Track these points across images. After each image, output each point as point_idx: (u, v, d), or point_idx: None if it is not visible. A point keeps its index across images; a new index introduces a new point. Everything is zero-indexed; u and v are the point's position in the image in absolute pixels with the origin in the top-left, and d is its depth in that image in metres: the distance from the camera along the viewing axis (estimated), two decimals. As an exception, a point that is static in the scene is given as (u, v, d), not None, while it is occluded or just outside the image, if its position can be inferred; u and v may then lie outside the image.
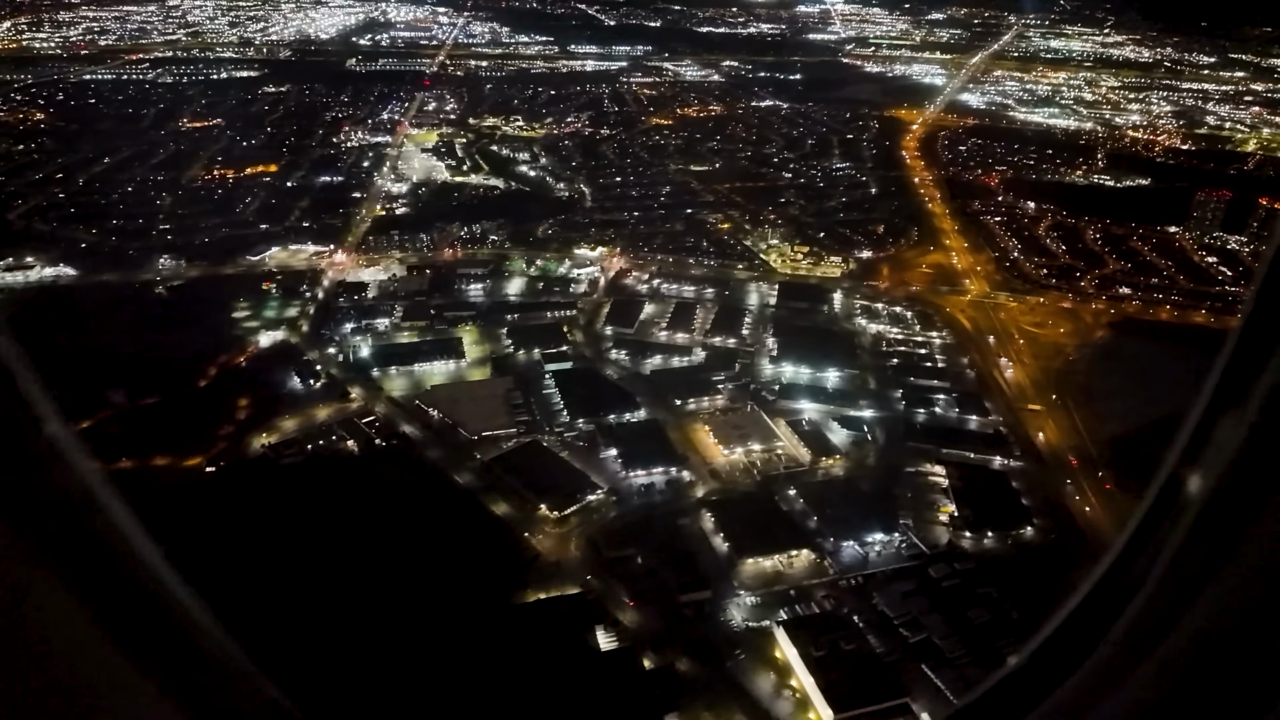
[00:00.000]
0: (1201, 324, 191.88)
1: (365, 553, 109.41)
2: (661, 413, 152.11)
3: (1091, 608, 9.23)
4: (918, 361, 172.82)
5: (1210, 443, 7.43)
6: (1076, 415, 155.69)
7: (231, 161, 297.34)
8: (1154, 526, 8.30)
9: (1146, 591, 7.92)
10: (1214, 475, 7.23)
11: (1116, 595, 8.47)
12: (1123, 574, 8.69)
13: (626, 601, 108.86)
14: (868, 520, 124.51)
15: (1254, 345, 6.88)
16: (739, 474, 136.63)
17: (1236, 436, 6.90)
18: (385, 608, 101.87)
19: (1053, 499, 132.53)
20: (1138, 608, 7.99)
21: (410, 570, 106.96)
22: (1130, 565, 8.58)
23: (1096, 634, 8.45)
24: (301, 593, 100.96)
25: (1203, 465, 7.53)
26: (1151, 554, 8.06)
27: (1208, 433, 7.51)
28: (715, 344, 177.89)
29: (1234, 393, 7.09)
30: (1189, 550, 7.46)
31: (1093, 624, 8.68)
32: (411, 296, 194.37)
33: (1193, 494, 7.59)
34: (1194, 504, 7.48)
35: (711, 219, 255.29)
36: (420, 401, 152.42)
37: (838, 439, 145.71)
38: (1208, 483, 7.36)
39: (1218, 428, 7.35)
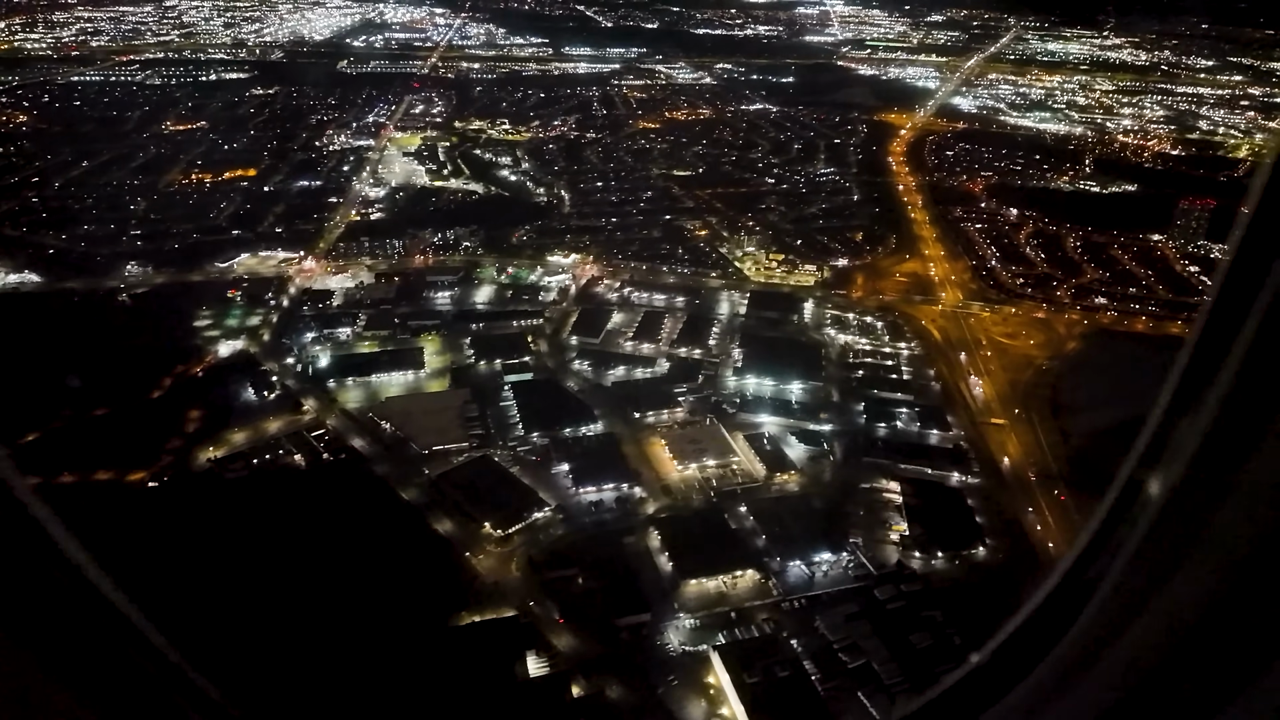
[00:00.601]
0: (1177, 335, 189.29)
1: (301, 573, 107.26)
2: (619, 426, 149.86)
3: (1052, 606, 9.53)
4: (883, 374, 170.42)
5: (1169, 445, 7.79)
6: (1040, 430, 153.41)
7: (211, 165, 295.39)
8: (1113, 527, 8.64)
9: (1105, 590, 8.22)
10: (1172, 476, 7.54)
11: (1077, 594, 8.77)
12: (1083, 573, 9.01)
13: (562, 624, 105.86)
14: (817, 539, 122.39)
15: (1210, 351, 7.21)
16: (692, 490, 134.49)
17: (1193, 438, 7.24)
18: (316, 632, 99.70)
19: (1008, 517, 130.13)
20: (1097, 606, 8.29)
21: (345, 592, 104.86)
22: (1090, 564, 8.93)
23: (1056, 632, 8.75)
24: (232, 613, 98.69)
25: (1162, 467, 7.88)
26: (1111, 553, 8.42)
27: (1166, 435, 7.89)
28: (680, 355, 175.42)
29: (1191, 396, 7.47)
30: (1147, 550, 7.73)
31: (1053, 622, 9.00)
32: (377, 305, 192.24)
33: (1152, 495, 7.88)
34: (1153, 504, 7.77)
35: (689, 225, 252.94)
36: (374, 414, 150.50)
37: (795, 454, 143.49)
38: (1166, 484, 7.65)
39: (1176, 430, 7.71)
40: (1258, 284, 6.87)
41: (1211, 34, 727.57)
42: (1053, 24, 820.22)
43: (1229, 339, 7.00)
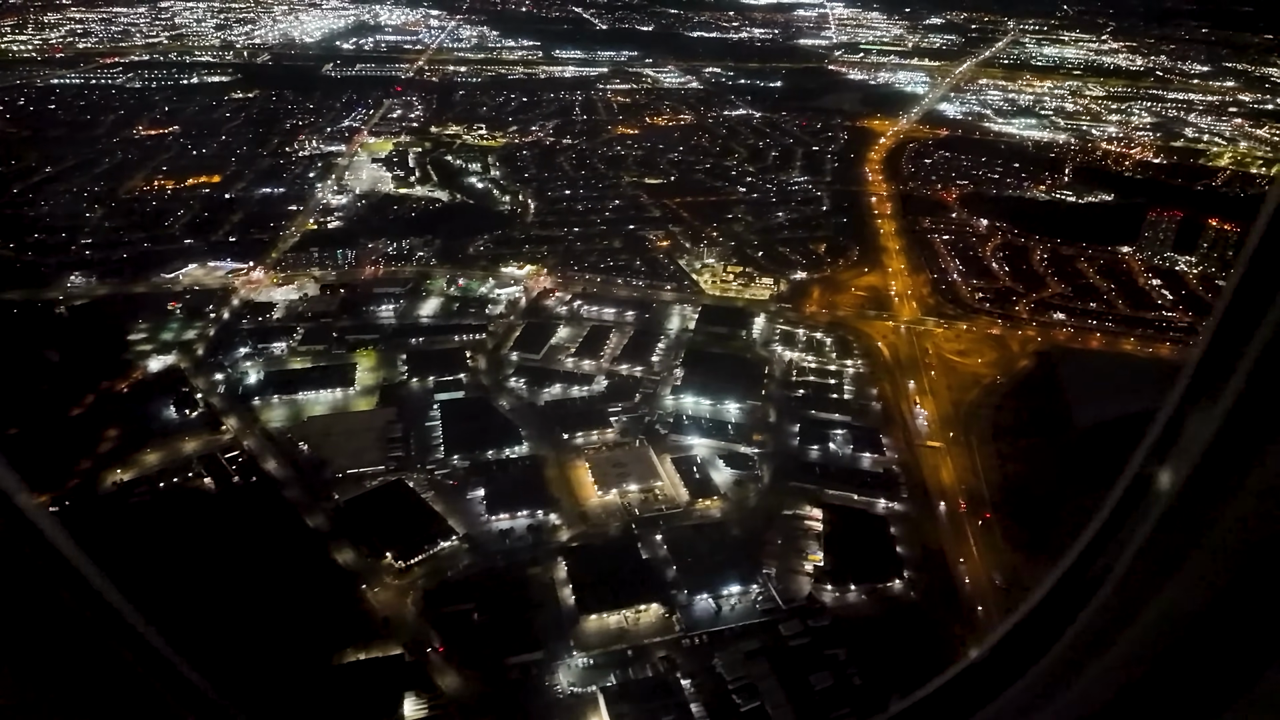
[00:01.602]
0: (1130, 352, 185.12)
1: (187, 607, 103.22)
2: (546, 448, 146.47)
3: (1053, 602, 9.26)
4: (825, 393, 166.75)
5: (1179, 438, 7.59)
6: (977, 454, 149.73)
7: (176, 172, 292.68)
8: (1120, 520, 8.42)
9: (1111, 584, 8.05)
10: (1183, 470, 7.35)
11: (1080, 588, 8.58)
12: (1086, 569, 8.83)
13: (449, 663, 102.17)
14: (729, 570, 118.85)
15: (1224, 345, 7.05)
16: (610, 517, 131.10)
17: (1205, 432, 7.06)
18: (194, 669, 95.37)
19: (931, 548, 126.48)
20: (1101, 600, 8.14)
21: (230, 627, 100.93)
22: (1094, 560, 8.74)
23: (1057, 628, 8.64)
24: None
25: (1171, 460, 7.65)
26: (1117, 547, 8.22)
27: (1177, 430, 7.66)
28: (621, 372, 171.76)
29: (1205, 389, 7.25)
30: (1155, 544, 7.58)
31: (1056, 616, 8.81)
32: (318, 318, 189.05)
33: (1161, 488, 7.69)
34: (1162, 498, 7.59)
35: (652, 235, 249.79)
36: (293, 434, 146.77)
37: (721, 478, 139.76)
38: (1176, 478, 7.46)
39: (1187, 423, 7.51)
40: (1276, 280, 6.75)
41: (1211, 39, 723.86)
42: (1052, 27, 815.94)
43: (1245, 334, 6.76)
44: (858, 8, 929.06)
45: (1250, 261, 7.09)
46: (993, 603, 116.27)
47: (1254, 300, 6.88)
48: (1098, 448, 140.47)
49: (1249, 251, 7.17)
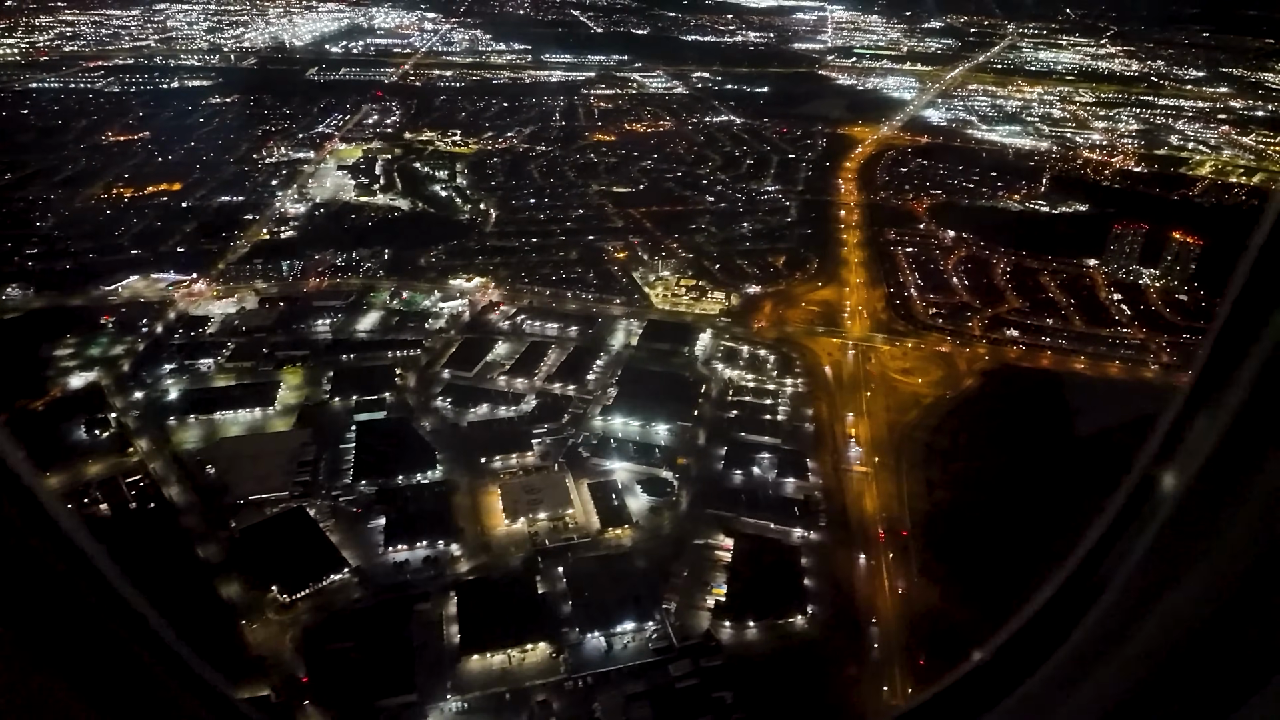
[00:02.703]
0: (1079, 372, 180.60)
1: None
2: (460, 473, 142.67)
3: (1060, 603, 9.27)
4: (759, 414, 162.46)
5: (1184, 443, 7.66)
6: (906, 479, 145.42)
7: (138, 179, 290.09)
8: (1125, 524, 8.44)
9: (1116, 588, 8.08)
10: (1188, 475, 7.44)
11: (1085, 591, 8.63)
12: (1092, 571, 8.82)
13: (317, 708, 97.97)
14: (627, 605, 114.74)
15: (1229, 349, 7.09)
16: (514, 548, 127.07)
17: (1210, 436, 7.15)
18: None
19: (842, 581, 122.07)
20: (1107, 604, 8.14)
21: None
22: (1098, 564, 8.75)
23: (1061, 632, 8.63)
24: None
25: (1176, 465, 7.74)
26: (1122, 551, 8.27)
27: (1181, 434, 7.72)
28: (554, 391, 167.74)
29: (1209, 393, 7.31)
30: (1160, 549, 7.63)
31: (1061, 619, 8.81)
32: (252, 333, 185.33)
33: (1165, 493, 7.79)
34: (1166, 503, 7.68)
35: (611, 247, 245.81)
36: (202, 457, 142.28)
37: (637, 505, 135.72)
38: (1181, 482, 7.56)
39: (1191, 428, 7.57)
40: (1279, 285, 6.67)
41: (1211, 43, 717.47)
42: (1052, 31, 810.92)
43: (1249, 338, 6.85)
44: (858, 11, 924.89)
45: (1254, 266, 7.05)
46: (895, 641, 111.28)
47: (1258, 304, 6.86)
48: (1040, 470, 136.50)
49: (1252, 255, 7.13)
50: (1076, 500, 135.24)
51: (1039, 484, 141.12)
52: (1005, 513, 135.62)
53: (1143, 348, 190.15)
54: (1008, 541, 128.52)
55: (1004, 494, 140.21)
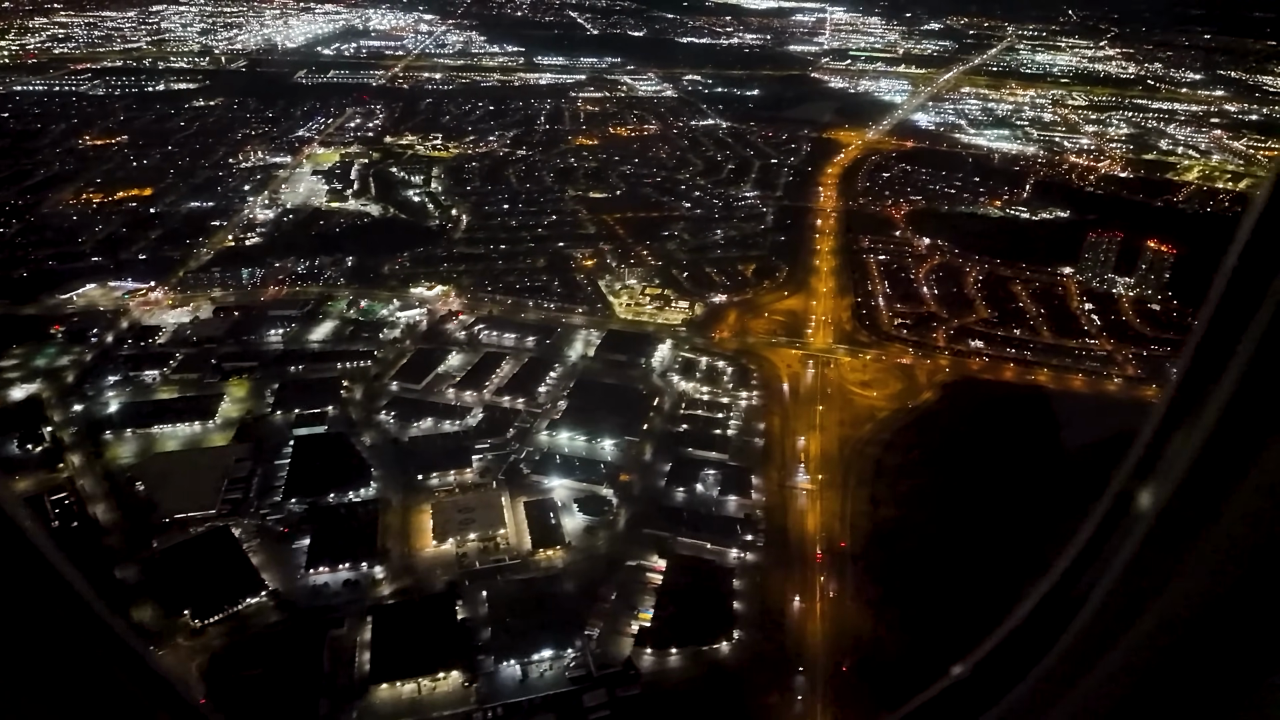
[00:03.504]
0: (1041, 385, 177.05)
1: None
2: (394, 490, 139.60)
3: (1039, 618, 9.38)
4: (709, 428, 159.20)
5: (1162, 458, 7.75)
6: (852, 497, 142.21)
7: (109, 184, 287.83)
8: (1103, 538, 8.52)
9: (1095, 602, 8.19)
10: (1166, 489, 7.51)
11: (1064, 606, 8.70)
12: (1071, 585, 8.97)
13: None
14: (549, 631, 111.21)
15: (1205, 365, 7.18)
16: (440, 570, 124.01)
17: (1188, 452, 7.22)
18: None
19: (774, 605, 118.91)
20: (1086, 618, 8.23)
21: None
22: (1078, 577, 8.89)
23: (1044, 644, 8.68)
24: None
25: (1154, 480, 7.83)
26: (1101, 566, 8.34)
27: (1160, 449, 7.79)
28: (502, 404, 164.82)
29: (1187, 409, 7.38)
30: (1138, 563, 7.70)
31: (1040, 634, 8.90)
32: (202, 343, 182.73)
33: (1143, 508, 7.86)
34: (1144, 518, 7.74)
35: (580, 254, 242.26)
36: (133, 473, 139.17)
37: (573, 524, 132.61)
38: (1159, 497, 7.63)
39: (1170, 443, 7.65)
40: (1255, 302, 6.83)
41: (1212, 45, 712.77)
42: (1052, 33, 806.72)
43: (1226, 355, 6.92)
44: (858, 13, 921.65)
45: (1229, 282, 7.12)
46: (821, 668, 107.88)
47: (1234, 321, 6.90)
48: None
49: (1227, 271, 7.15)
50: (1025, 521, 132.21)
51: (988, 503, 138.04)
52: (950, 534, 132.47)
53: (1108, 360, 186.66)
54: (949, 564, 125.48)
55: (951, 514, 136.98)
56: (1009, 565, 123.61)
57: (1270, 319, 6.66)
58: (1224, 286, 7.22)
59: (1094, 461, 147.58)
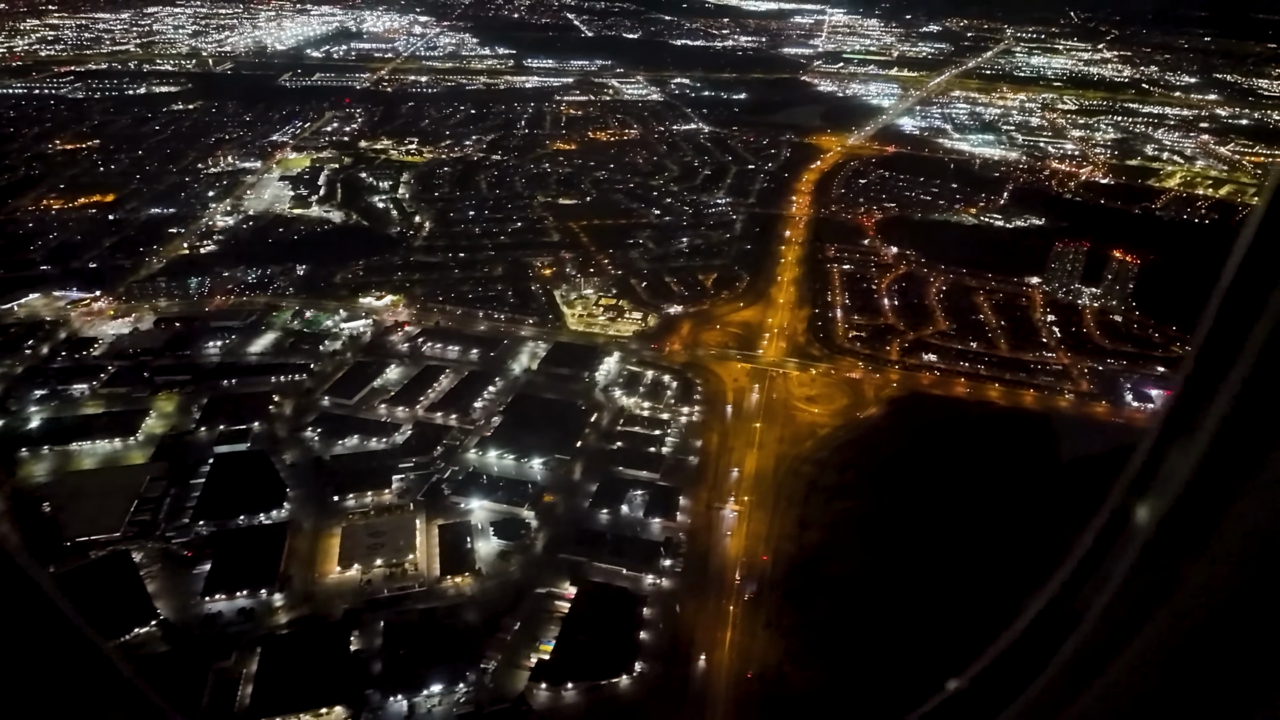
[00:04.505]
0: (990, 401, 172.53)
1: None
2: (308, 512, 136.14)
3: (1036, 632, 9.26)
4: (644, 446, 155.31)
5: (1161, 470, 7.65)
6: (781, 519, 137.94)
7: (73, 190, 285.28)
8: (1102, 551, 8.42)
9: (1093, 616, 8.09)
10: (1165, 502, 7.43)
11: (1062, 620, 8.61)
12: (1069, 598, 8.83)
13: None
14: (444, 664, 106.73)
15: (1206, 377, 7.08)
16: (341, 598, 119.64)
17: (1186, 466, 7.16)
18: None
19: (682, 635, 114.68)
20: (1084, 632, 8.14)
21: None
22: (1077, 590, 8.72)
23: (1041, 658, 8.59)
24: None
25: (1152, 494, 7.73)
26: (1098, 581, 8.23)
27: (1158, 462, 7.71)
28: (434, 421, 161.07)
29: (1185, 422, 7.26)
30: (1137, 579, 7.62)
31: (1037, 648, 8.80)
32: (138, 355, 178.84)
33: (1141, 522, 7.79)
34: (1142, 532, 7.68)
35: (539, 262, 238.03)
36: (41, 493, 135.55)
37: (487, 549, 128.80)
38: (1157, 511, 7.55)
39: (1167, 458, 7.57)
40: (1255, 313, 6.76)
41: (1211, 47, 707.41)
42: (1051, 35, 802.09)
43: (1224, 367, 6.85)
44: (857, 14, 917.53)
45: (1228, 292, 7.04)
46: (722, 704, 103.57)
47: (1233, 333, 6.83)
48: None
49: (1227, 282, 7.02)
50: (957, 546, 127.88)
51: (922, 527, 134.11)
52: (877, 560, 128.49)
53: (1063, 374, 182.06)
54: (871, 592, 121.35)
55: (881, 538, 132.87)
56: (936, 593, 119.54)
57: (1270, 330, 6.59)
58: (1223, 297, 7.06)
59: (1034, 485, 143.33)
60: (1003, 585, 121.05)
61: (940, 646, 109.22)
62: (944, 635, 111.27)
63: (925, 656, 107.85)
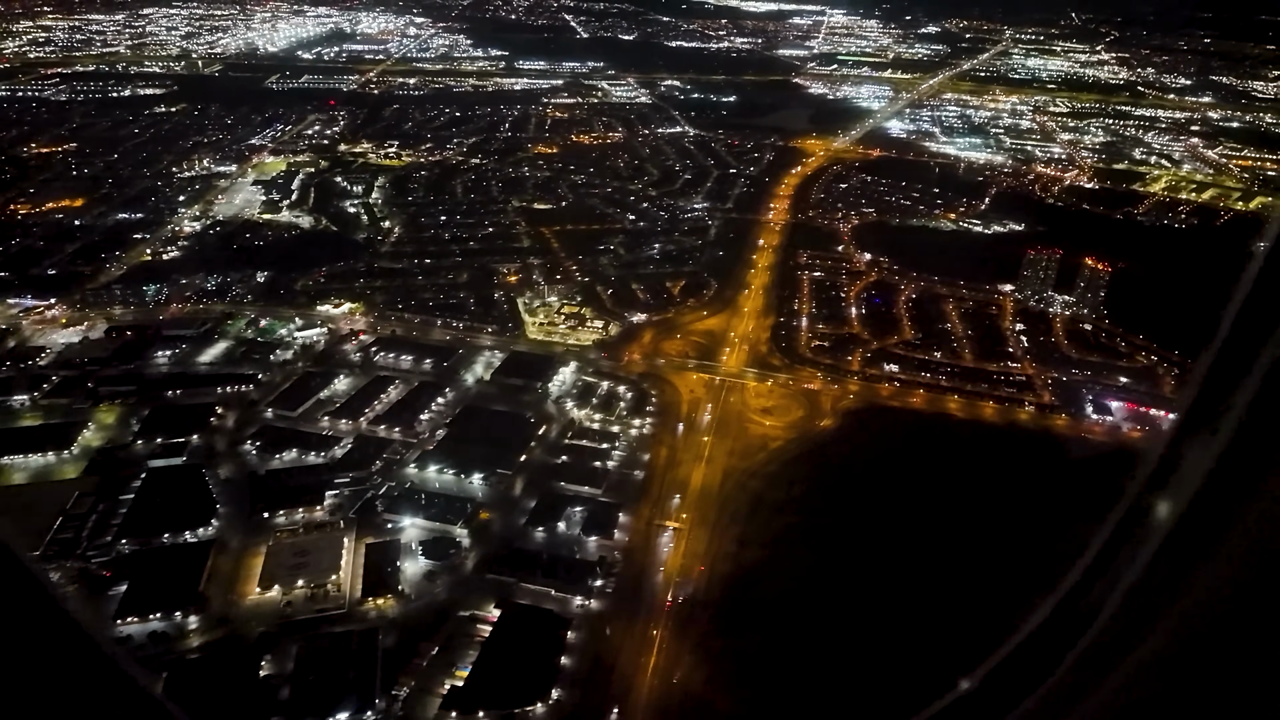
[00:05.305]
0: (949, 413, 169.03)
1: None
2: (237, 529, 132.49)
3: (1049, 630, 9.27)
4: (590, 460, 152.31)
5: (1177, 469, 7.76)
6: (721, 537, 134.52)
7: (41, 194, 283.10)
8: (1115, 550, 8.55)
9: (1106, 614, 8.19)
10: (1182, 500, 7.48)
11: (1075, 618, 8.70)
12: (1081, 597, 8.88)
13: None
14: (356, 690, 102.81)
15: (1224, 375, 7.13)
16: (258, 620, 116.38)
17: (1204, 462, 7.23)
18: None
19: (606, 659, 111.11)
20: (1097, 631, 8.24)
21: None
22: (1089, 588, 8.78)
23: (1054, 657, 8.70)
24: None
25: (1170, 491, 7.84)
26: (1113, 577, 8.31)
27: (1176, 459, 7.79)
28: (378, 434, 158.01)
29: (1203, 420, 7.36)
30: (1153, 574, 7.65)
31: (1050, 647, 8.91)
32: (86, 365, 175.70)
33: (1159, 518, 7.86)
34: (1159, 528, 7.73)
35: (506, 269, 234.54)
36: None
37: (414, 569, 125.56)
38: (1175, 508, 7.61)
39: (1186, 454, 7.66)
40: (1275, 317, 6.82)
41: (1211, 49, 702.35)
42: (1050, 36, 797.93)
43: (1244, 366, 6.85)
44: (857, 16, 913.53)
45: (1249, 294, 7.13)
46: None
47: (1253, 332, 6.90)
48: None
49: (1246, 285, 7.10)
50: (899, 564, 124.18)
51: (865, 544, 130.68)
52: (815, 578, 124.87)
53: (1026, 385, 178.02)
54: (806, 614, 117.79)
55: (822, 556, 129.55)
56: (875, 615, 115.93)
57: None
58: (1242, 300, 7.08)
59: (985, 500, 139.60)
60: (944, 604, 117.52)
61: (876, 671, 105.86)
62: (880, 659, 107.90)
63: (859, 682, 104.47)
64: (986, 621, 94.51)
